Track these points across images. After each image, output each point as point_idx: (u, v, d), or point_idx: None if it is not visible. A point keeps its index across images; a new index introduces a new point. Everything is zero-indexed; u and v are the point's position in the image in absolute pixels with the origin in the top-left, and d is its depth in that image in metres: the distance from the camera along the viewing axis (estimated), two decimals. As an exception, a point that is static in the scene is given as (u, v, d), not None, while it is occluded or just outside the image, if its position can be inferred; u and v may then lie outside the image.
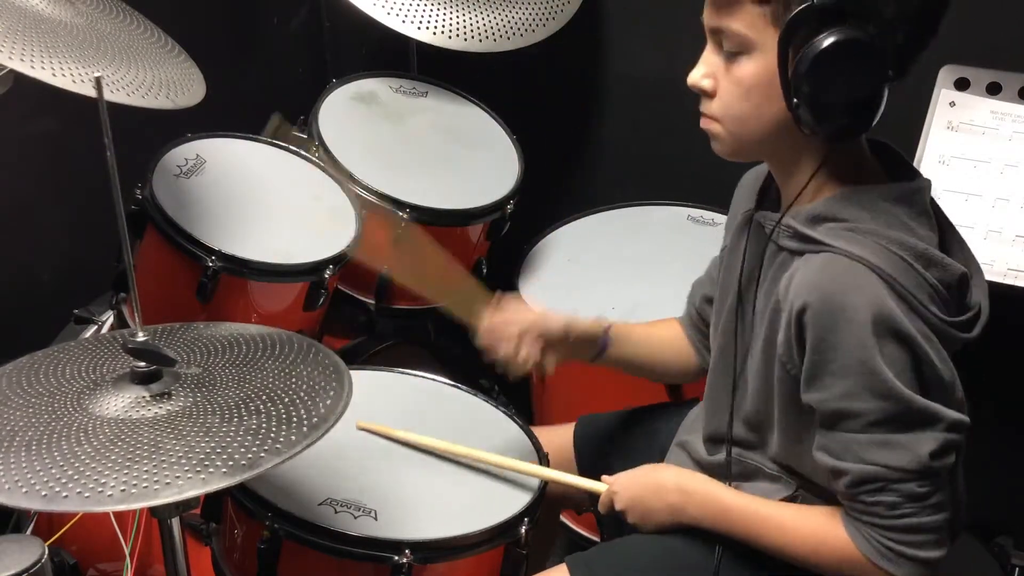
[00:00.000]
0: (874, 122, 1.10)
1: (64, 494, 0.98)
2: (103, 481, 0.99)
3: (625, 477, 1.34)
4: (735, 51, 1.13)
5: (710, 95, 1.17)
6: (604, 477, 1.36)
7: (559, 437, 1.55)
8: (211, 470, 1.01)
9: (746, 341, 1.25)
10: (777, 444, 1.24)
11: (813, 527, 1.20)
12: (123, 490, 0.99)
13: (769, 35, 1.09)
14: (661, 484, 1.30)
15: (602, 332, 1.45)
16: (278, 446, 1.05)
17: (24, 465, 1.02)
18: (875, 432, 1.10)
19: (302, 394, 1.14)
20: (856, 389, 1.10)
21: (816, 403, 1.13)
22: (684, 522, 1.28)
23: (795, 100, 1.08)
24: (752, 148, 1.20)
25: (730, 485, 1.29)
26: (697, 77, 1.17)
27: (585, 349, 1.45)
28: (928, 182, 1.19)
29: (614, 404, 1.61)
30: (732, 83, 1.14)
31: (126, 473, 1.00)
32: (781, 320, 1.15)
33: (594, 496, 1.38)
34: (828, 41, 1.05)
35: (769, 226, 1.21)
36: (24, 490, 0.99)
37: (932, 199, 1.20)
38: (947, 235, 1.19)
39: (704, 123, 1.20)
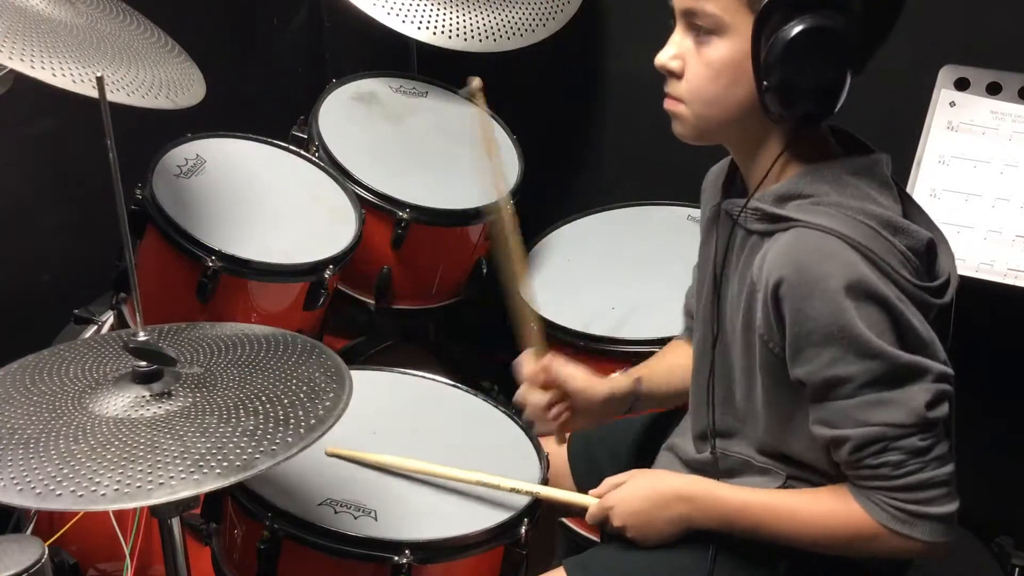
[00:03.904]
0: (835, 109, 1.12)
1: (58, 492, 0.98)
2: (97, 480, 0.99)
3: (619, 493, 1.31)
4: (708, 30, 1.14)
5: (677, 76, 1.18)
6: (592, 491, 1.34)
7: (553, 446, 1.54)
8: (205, 471, 1.01)
9: (725, 330, 1.25)
10: (763, 430, 1.24)
11: (824, 507, 1.19)
12: (116, 489, 0.99)
13: (742, 18, 1.11)
14: (661, 496, 1.28)
15: (635, 389, 1.44)
16: (274, 448, 1.05)
17: (21, 463, 1.02)
18: (867, 393, 1.11)
19: (302, 396, 1.14)
20: (841, 354, 1.10)
21: (805, 376, 1.14)
22: (690, 529, 1.26)
23: (764, 83, 1.10)
24: (716, 131, 1.20)
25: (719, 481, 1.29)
26: (665, 58, 1.18)
27: (619, 409, 1.45)
28: (887, 156, 1.21)
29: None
30: (702, 65, 1.15)
31: (121, 472, 1.00)
32: (758, 300, 1.15)
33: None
34: (801, 27, 1.07)
35: (736, 212, 1.21)
36: (19, 487, 0.99)
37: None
38: (908, 206, 1.20)
39: (668, 104, 1.20)
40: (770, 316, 1.14)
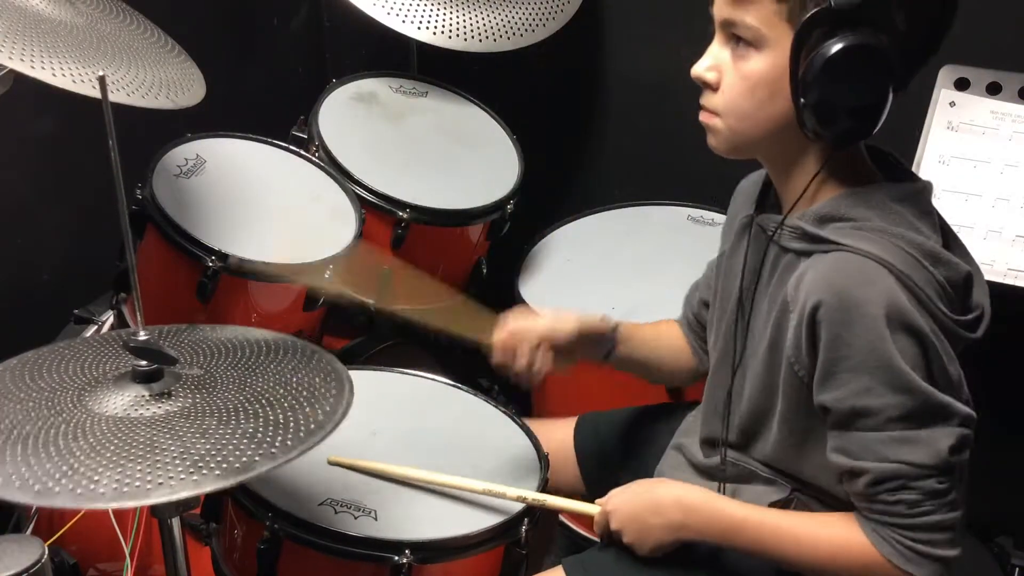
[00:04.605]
0: (875, 129, 1.11)
1: (57, 490, 0.98)
2: (96, 479, 0.99)
3: (619, 496, 1.31)
4: (747, 43, 1.12)
5: (713, 88, 1.16)
6: (598, 500, 1.34)
7: (559, 433, 1.55)
8: (204, 472, 1.01)
9: (746, 345, 1.25)
10: (773, 447, 1.23)
11: (829, 534, 1.18)
12: (115, 488, 0.99)
13: (782, 32, 1.09)
14: (659, 501, 1.27)
15: (610, 331, 1.43)
16: (273, 451, 1.05)
17: (19, 460, 1.02)
18: (894, 429, 1.10)
19: (301, 400, 1.14)
20: (873, 384, 1.09)
21: (832, 403, 1.12)
22: (686, 538, 1.25)
23: (802, 100, 1.08)
24: (750, 146, 1.19)
25: (724, 489, 1.29)
26: (702, 69, 1.17)
27: (595, 350, 1.43)
28: (929, 184, 1.20)
29: (614, 404, 1.61)
30: (739, 78, 1.14)
31: (120, 471, 1.00)
32: (790, 321, 1.14)
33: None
34: (842, 44, 1.05)
35: (771, 229, 1.20)
36: (17, 484, 0.99)
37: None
38: (948, 237, 1.19)
39: (703, 117, 1.19)
40: (801, 339, 1.12)
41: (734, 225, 1.31)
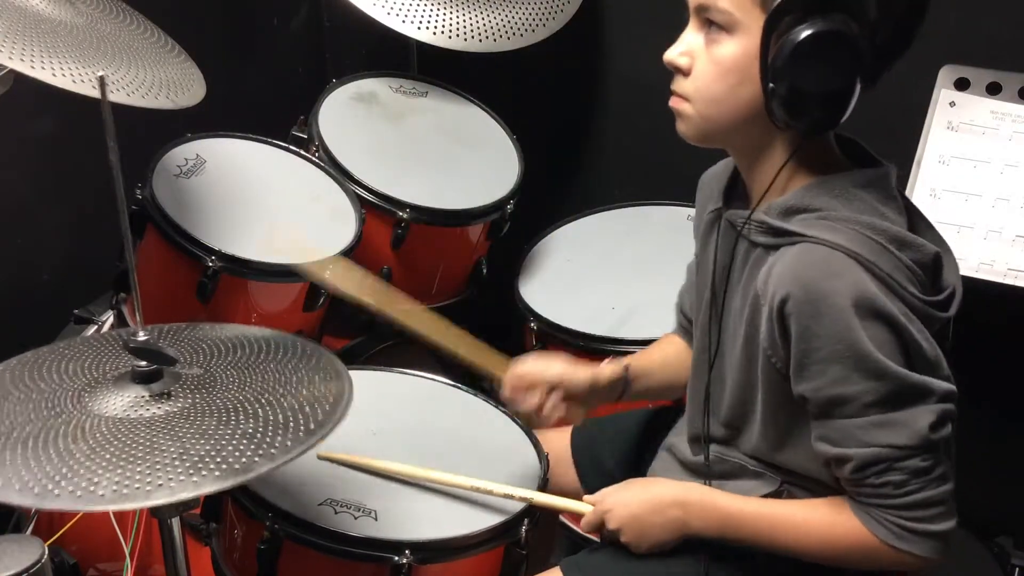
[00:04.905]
0: (842, 120, 1.11)
1: (56, 492, 0.98)
2: (96, 480, 0.99)
3: (616, 496, 1.31)
4: (720, 27, 1.12)
5: (685, 73, 1.16)
6: (586, 497, 1.34)
7: (557, 438, 1.55)
8: (204, 473, 1.01)
9: (723, 340, 1.25)
10: (758, 439, 1.23)
11: (824, 520, 1.19)
12: (115, 490, 0.99)
13: (754, 17, 1.10)
14: (658, 500, 1.27)
15: (623, 375, 1.44)
16: (273, 451, 1.05)
17: (19, 461, 1.02)
18: (872, 413, 1.10)
19: (301, 399, 1.14)
20: (847, 373, 1.10)
21: (809, 393, 1.13)
22: (686, 535, 1.25)
23: (771, 85, 1.09)
24: (720, 133, 1.19)
25: (710, 484, 1.29)
26: (674, 55, 1.17)
27: (608, 395, 1.44)
28: (893, 167, 1.20)
29: (612, 410, 1.60)
30: (710, 63, 1.14)
31: (119, 473, 1.00)
32: (762, 314, 1.15)
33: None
34: (811, 30, 1.05)
35: (739, 223, 1.20)
36: (17, 486, 0.99)
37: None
38: (914, 218, 1.19)
39: (674, 102, 1.19)
40: (775, 331, 1.13)
41: (703, 220, 1.31)
